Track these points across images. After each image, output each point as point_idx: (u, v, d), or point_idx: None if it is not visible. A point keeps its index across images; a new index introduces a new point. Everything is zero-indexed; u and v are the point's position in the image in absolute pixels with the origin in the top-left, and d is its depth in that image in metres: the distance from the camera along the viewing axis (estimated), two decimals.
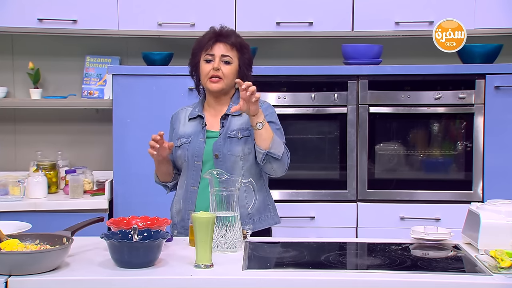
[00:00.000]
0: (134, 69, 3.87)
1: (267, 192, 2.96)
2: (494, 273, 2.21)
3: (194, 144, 2.88)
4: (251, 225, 2.71)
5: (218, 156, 2.84)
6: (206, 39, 2.90)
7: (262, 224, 2.89)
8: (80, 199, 3.76)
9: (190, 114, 2.96)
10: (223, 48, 2.88)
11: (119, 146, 3.77)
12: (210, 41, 2.88)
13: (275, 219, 2.95)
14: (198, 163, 2.86)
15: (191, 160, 2.88)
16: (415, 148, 3.84)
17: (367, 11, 3.88)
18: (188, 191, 2.87)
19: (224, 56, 2.86)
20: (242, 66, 2.90)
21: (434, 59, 3.93)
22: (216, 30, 2.93)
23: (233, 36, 2.91)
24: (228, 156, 2.84)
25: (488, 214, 2.48)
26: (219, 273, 2.23)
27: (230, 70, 2.87)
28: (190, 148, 2.89)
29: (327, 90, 3.77)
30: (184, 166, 2.91)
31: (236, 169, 2.83)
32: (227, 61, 2.87)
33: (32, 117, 4.26)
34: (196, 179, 2.86)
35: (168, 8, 3.89)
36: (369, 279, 2.21)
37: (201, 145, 2.87)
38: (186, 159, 2.89)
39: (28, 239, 2.34)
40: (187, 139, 2.90)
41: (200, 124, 2.92)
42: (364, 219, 3.76)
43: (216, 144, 2.86)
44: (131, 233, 2.34)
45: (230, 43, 2.88)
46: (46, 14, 3.85)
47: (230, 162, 2.84)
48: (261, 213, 2.89)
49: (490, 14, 3.87)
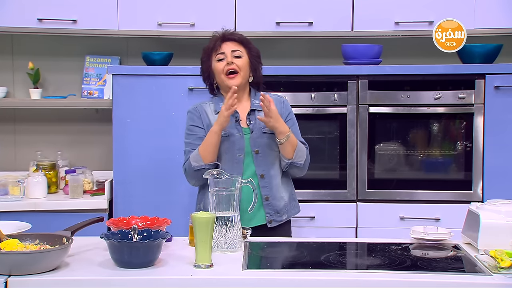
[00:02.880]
0: (134, 69, 3.87)
1: (293, 184, 3.16)
2: (494, 273, 2.21)
3: (233, 138, 3.00)
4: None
5: (258, 152, 3.00)
6: (212, 43, 3.08)
7: (292, 212, 3.11)
8: (80, 199, 3.76)
9: (217, 108, 3.04)
10: (231, 44, 3.05)
11: (119, 146, 3.77)
12: (218, 42, 3.06)
13: (299, 207, 3.19)
14: (240, 155, 2.99)
15: (232, 153, 2.99)
16: (415, 148, 3.84)
17: (367, 11, 3.88)
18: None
19: (234, 51, 3.03)
20: (251, 59, 3.06)
21: (434, 59, 3.93)
22: (219, 32, 3.10)
23: (236, 34, 3.10)
24: (268, 152, 3.02)
25: (488, 214, 2.48)
26: (219, 273, 2.23)
27: (243, 63, 3.03)
28: (230, 140, 2.99)
29: (327, 90, 3.77)
30: (221, 159, 3.00)
31: (275, 164, 3.04)
32: (238, 56, 3.03)
33: (32, 117, 4.26)
34: (239, 171, 2.97)
35: (168, 8, 3.89)
36: (369, 279, 2.21)
37: (241, 139, 3.00)
38: (226, 151, 2.99)
39: (28, 239, 2.34)
40: (225, 132, 2.99)
41: (232, 119, 3.01)
42: (364, 219, 3.76)
43: (254, 139, 3.01)
44: (131, 233, 2.34)
45: (237, 38, 3.07)
46: (46, 14, 3.85)
47: (270, 158, 3.03)
48: (291, 202, 3.11)
49: (490, 14, 3.87)
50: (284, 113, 3.08)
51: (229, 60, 3.01)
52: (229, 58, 3.02)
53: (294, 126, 3.10)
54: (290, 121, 3.10)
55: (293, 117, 3.13)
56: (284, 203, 3.06)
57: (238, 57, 3.03)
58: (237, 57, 3.03)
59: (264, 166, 3.01)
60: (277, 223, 3.04)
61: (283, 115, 3.06)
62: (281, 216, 3.05)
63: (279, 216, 3.05)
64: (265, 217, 3.02)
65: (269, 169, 3.02)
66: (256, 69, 3.09)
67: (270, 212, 3.03)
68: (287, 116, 3.10)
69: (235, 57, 3.03)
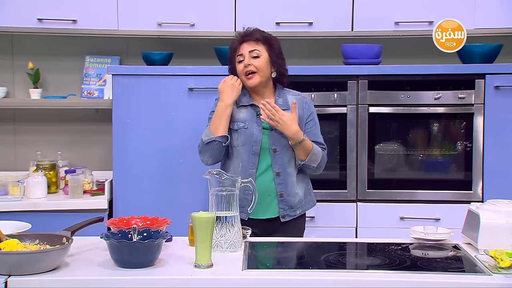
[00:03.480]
0: (134, 69, 3.86)
1: (309, 179, 3.23)
2: (493, 273, 2.21)
3: (252, 131, 3.08)
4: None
5: (276, 150, 3.08)
6: (234, 44, 3.15)
7: (307, 206, 3.19)
8: (80, 199, 3.75)
9: (241, 101, 3.12)
10: (249, 45, 3.10)
11: (118, 146, 3.77)
12: (237, 43, 3.13)
13: (314, 201, 3.25)
14: (257, 148, 3.07)
15: (249, 145, 3.07)
16: (414, 148, 3.84)
17: (366, 11, 3.88)
18: (246, 173, 3.03)
19: (251, 52, 3.09)
20: (272, 56, 3.11)
21: (434, 59, 3.92)
22: (240, 32, 3.17)
23: (256, 32, 3.13)
24: (285, 151, 3.08)
25: (488, 214, 2.48)
26: (218, 273, 2.23)
27: (261, 62, 3.08)
28: (248, 133, 3.08)
29: (327, 90, 3.77)
30: (239, 151, 3.09)
31: (291, 162, 3.10)
32: (256, 55, 3.08)
33: (32, 117, 4.25)
34: (254, 162, 3.06)
35: (168, 8, 3.89)
36: (368, 279, 2.21)
37: (259, 133, 3.08)
38: (244, 143, 3.08)
39: (28, 239, 2.34)
40: (244, 123, 3.09)
41: (253, 112, 3.11)
42: (364, 219, 3.76)
43: (273, 137, 3.08)
44: (131, 233, 2.34)
45: (255, 39, 3.11)
46: (46, 14, 3.85)
47: (287, 157, 3.09)
48: (306, 197, 3.17)
49: (490, 14, 3.87)
50: (305, 114, 3.15)
51: (246, 63, 3.08)
52: (246, 60, 3.08)
53: (315, 126, 3.17)
54: (311, 122, 3.16)
55: (314, 118, 3.18)
56: (298, 199, 3.13)
57: (256, 57, 3.08)
58: (255, 57, 3.08)
59: (280, 164, 3.08)
60: (290, 217, 3.12)
61: (304, 115, 3.14)
62: (294, 211, 3.12)
63: (293, 211, 3.12)
64: (279, 212, 3.09)
65: (286, 168, 3.09)
66: (279, 65, 3.13)
67: (284, 208, 3.10)
68: (309, 116, 3.16)
69: (253, 57, 3.08)
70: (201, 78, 3.75)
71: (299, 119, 3.08)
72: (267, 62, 3.10)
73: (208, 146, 3.05)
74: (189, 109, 3.74)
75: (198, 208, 2.49)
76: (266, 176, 3.09)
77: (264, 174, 3.08)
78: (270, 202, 3.09)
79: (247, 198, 3.00)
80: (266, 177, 3.08)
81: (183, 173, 3.72)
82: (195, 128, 3.56)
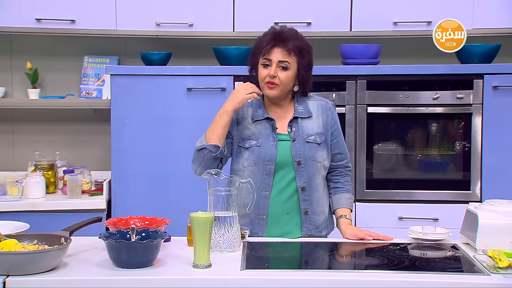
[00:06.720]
0: (132, 69, 3.87)
1: None
2: (492, 273, 2.21)
3: (265, 148, 2.77)
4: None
5: (300, 163, 2.77)
6: (265, 42, 2.77)
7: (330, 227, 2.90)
8: (78, 199, 3.75)
9: (255, 116, 2.82)
10: (280, 54, 2.75)
11: (117, 146, 3.77)
12: (268, 45, 2.76)
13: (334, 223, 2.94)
14: (271, 167, 2.77)
15: (262, 164, 2.77)
16: (413, 148, 3.85)
17: (365, 11, 3.88)
18: (260, 195, 2.77)
19: (281, 62, 2.74)
20: (301, 69, 2.78)
21: (432, 59, 3.93)
22: (276, 31, 2.80)
23: (292, 39, 2.77)
24: (310, 162, 2.78)
25: (486, 214, 2.48)
26: (217, 273, 2.23)
27: (287, 76, 2.75)
28: (261, 151, 2.78)
29: (325, 90, 3.77)
30: (252, 170, 2.79)
31: (317, 175, 2.81)
32: (284, 67, 2.75)
33: (30, 117, 4.25)
34: (268, 183, 2.77)
35: (166, 8, 3.89)
36: (367, 279, 2.21)
37: (273, 149, 2.77)
38: (256, 162, 2.78)
39: (26, 239, 2.34)
40: (257, 141, 2.79)
41: (269, 126, 2.81)
42: (362, 219, 3.76)
43: (296, 149, 2.78)
44: (129, 233, 2.34)
45: (288, 48, 2.75)
46: (44, 14, 3.85)
47: (312, 169, 2.79)
48: (330, 216, 2.90)
49: (489, 14, 3.87)
50: (330, 122, 2.86)
51: (271, 74, 2.73)
52: (272, 71, 2.74)
53: (340, 136, 2.89)
54: (336, 131, 2.88)
55: (338, 127, 2.89)
56: (324, 218, 2.84)
57: (284, 68, 2.74)
58: (283, 68, 2.74)
59: (306, 177, 2.77)
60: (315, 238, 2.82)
61: (329, 124, 2.85)
62: (320, 232, 2.83)
63: (318, 232, 2.82)
64: (302, 233, 2.80)
65: (311, 181, 2.79)
66: (304, 80, 2.80)
67: (308, 227, 2.81)
68: (333, 125, 2.87)
69: (281, 67, 2.74)
70: (200, 78, 3.75)
71: (323, 127, 2.83)
72: (293, 75, 2.77)
73: (199, 153, 2.74)
74: (188, 109, 3.75)
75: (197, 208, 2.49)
76: (284, 194, 2.78)
77: (283, 191, 2.78)
78: (292, 220, 2.80)
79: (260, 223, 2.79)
80: (283, 195, 2.78)
81: (181, 173, 3.72)
82: (194, 128, 3.56)
